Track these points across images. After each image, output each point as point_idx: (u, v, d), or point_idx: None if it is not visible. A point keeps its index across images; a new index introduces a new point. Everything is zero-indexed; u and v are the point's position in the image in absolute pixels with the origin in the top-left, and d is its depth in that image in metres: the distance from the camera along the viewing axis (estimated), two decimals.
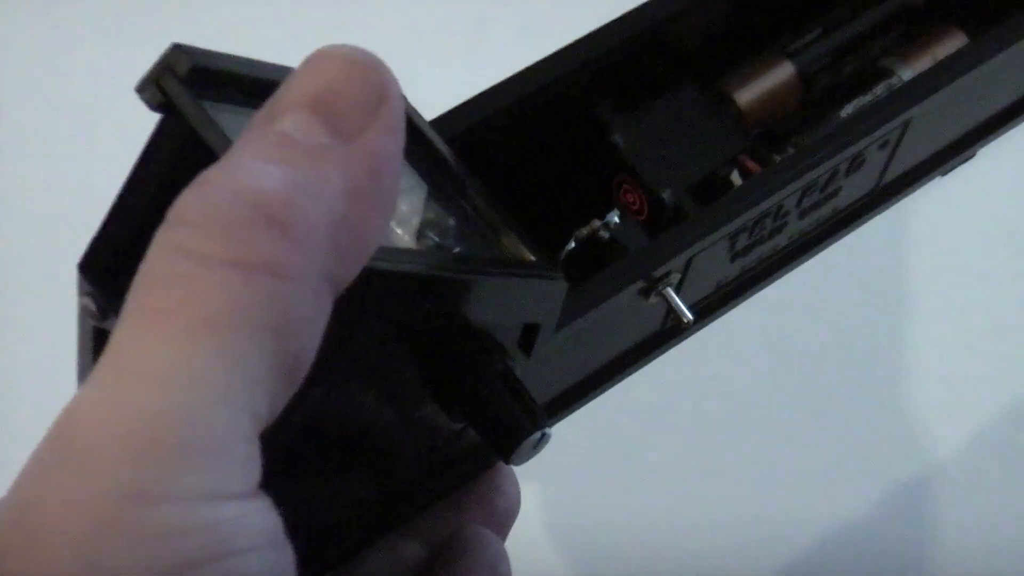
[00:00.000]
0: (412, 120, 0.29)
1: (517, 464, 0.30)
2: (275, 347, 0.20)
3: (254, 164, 0.21)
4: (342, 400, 0.27)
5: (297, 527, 0.22)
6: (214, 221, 0.20)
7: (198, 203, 0.21)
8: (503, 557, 0.33)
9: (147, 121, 0.25)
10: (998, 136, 0.46)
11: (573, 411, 0.39)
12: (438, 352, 0.29)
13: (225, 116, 0.24)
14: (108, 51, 0.59)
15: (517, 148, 0.38)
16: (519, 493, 0.35)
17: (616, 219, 0.38)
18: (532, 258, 0.30)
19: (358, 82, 0.22)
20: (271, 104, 0.22)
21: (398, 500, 0.33)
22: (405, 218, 0.28)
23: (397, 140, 0.23)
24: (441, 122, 0.35)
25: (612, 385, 0.40)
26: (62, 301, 0.30)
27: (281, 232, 0.21)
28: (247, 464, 0.20)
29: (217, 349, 0.20)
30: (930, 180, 0.45)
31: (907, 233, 0.56)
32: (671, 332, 0.39)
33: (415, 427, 0.31)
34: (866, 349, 0.54)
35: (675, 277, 0.36)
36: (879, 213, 0.44)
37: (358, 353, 0.25)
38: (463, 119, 0.36)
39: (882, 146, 0.40)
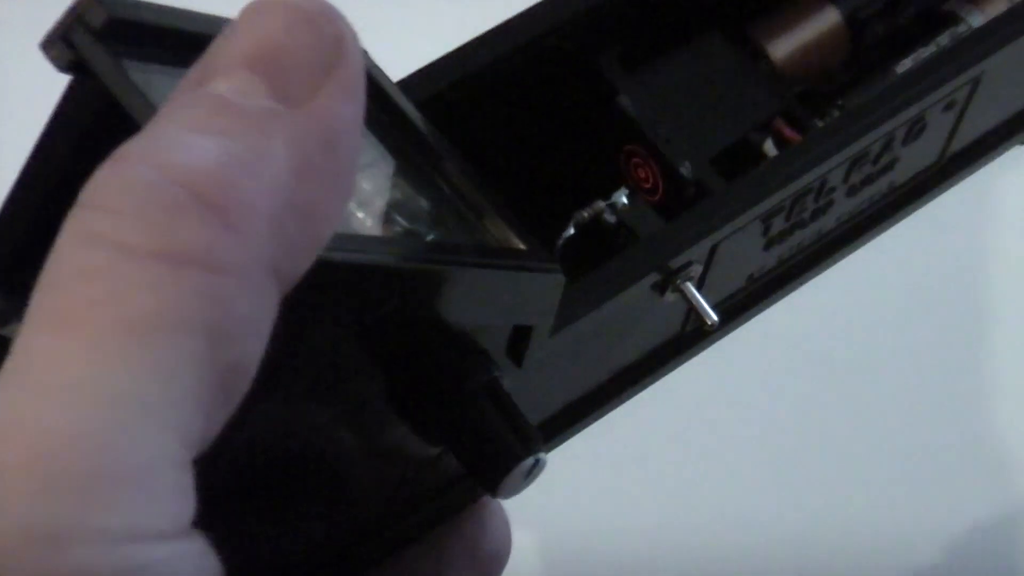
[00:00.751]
0: (375, 80, 0.30)
1: (506, 497, 0.30)
2: (210, 355, 0.21)
3: (183, 135, 0.21)
4: (292, 419, 0.27)
5: (241, 573, 0.22)
6: (135, 204, 0.21)
7: (116, 183, 0.21)
8: None
9: (55, 84, 0.25)
10: None
11: (574, 433, 0.39)
12: (409, 361, 0.29)
13: (149, 77, 0.24)
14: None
15: (504, 114, 0.38)
16: (509, 532, 0.35)
17: (624, 199, 0.38)
18: (522, 246, 0.31)
19: (308, 35, 0.23)
20: (203, 62, 0.23)
21: (362, 541, 0.33)
22: (367, 199, 0.29)
23: (356, 104, 0.23)
24: (411, 83, 0.36)
25: (621, 402, 0.40)
26: None
27: (216, 217, 0.21)
28: (178, 497, 0.20)
29: (140, 358, 0.20)
30: (1007, 150, 0.45)
31: (980, 215, 0.56)
32: (692, 337, 0.40)
33: (381, 453, 0.31)
34: (933, 359, 0.54)
35: (696, 269, 0.36)
36: (945, 191, 0.44)
37: (310, 362, 0.26)
38: (438, 79, 0.36)
39: (947, 108, 0.40)
